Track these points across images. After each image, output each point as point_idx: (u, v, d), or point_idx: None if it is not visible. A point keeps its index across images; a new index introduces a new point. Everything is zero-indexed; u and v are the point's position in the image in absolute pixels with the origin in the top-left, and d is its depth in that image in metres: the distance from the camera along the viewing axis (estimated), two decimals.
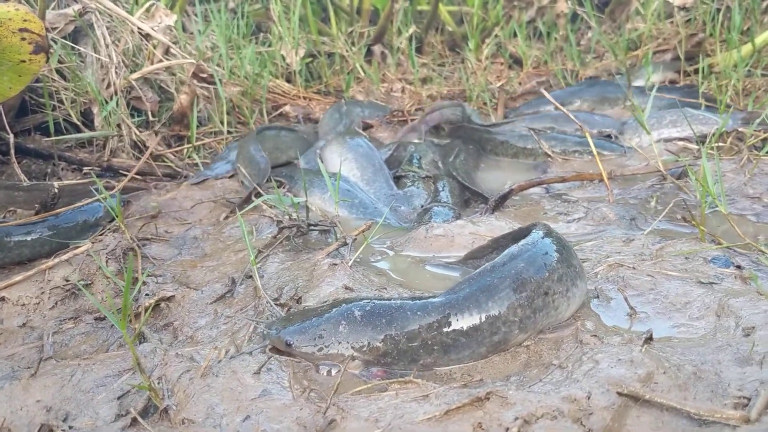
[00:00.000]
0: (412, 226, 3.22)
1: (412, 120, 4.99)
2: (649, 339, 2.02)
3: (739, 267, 2.50)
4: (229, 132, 4.65)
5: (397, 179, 3.79)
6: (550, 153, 3.97)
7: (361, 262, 2.86)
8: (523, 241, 2.29)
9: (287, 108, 5.09)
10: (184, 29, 5.33)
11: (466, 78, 5.88)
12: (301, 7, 5.53)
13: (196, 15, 5.30)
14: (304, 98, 5.36)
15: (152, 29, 4.52)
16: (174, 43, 4.83)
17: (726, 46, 5.24)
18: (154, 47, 4.58)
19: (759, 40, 4.99)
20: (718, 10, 5.45)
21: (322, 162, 4.03)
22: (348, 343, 2.07)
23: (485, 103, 5.34)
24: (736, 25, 5.01)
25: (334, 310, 2.14)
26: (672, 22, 5.89)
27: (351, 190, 3.53)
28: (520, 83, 5.88)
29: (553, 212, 3.29)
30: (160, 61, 4.51)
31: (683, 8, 5.95)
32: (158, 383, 2.08)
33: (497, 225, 3.07)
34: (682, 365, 1.92)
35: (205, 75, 4.58)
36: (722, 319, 2.16)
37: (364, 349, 2.06)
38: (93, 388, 2.11)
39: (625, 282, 2.44)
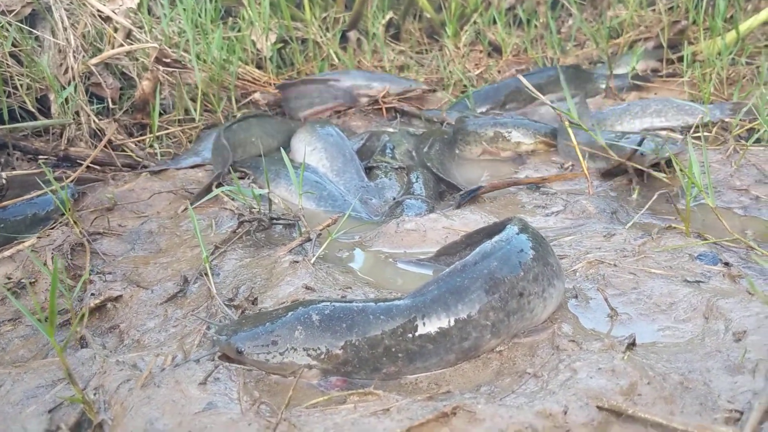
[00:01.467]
0: (383, 220, 3.04)
1: (386, 108, 4.81)
2: (632, 345, 1.85)
3: (727, 264, 2.35)
4: (194, 120, 4.43)
5: (369, 170, 3.60)
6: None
7: (327, 259, 2.67)
8: (496, 238, 2.11)
9: (256, 95, 4.87)
10: (150, 13, 5.10)
11: (444, 66, 5.71)
12: None
13: None
14: (275, 85, 5.14)
15: (113, 12, 4.29)
16: (139, 27, 4.61)
17: (709, 33, 5.09)
18: (115, 31, 4.35)
19: (743, 27, 4.84)
20: None
21: (291, 151, 3.85)
22: (304, 350, 1.89)
23: (463, 92, 5.16)
24: (720, 11, 4.86)
25: (290, 313, 1.95)
26: (654, 10, 5.74)
27: (319, 182, 3.34)
28: (499, 71, 5.71)
29: (531, 205, 3.12)
30: (121, 45, 4.28)
31: None
32: (94, 394, 1.88)
33: (472, 219, 2.90)
34: (668, 374, 1.75)
35: (168, 60, 4.35)
36: (711, 322, 2.00)
37: (322, 356, 1.88)
38: (23, 400, 1.91)
39: (606, 280, 2.27)
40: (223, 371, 1.93)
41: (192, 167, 3.78)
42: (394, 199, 3.29)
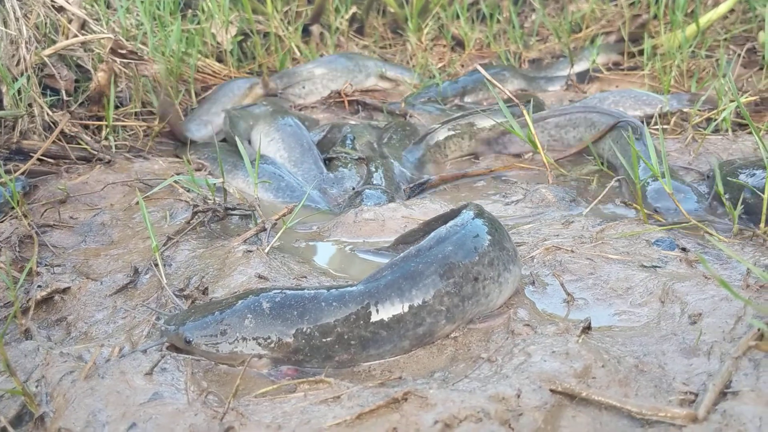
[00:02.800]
0: (342, 210, 2.99)
1: (349, 101, 4.76)
2: (587, 328, 1.83)
3: (684, 249, 2.34)
4: (151, 113, 4.34)
5: (329, 161, 3.55)
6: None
7: (283, 249, 2.62)
8: (451, 222, 2.07)
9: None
10: (108, 6, 5.00)
11: (407, 60, 5.68)
12: None
13: None
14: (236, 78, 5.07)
15: (66, 2, 4.18)
16: (96, 19, 4.51)
17: (670, 26, 5.12)
18: (69, 22, 4.24)
19: (703, 20, 4.88)
20: None
21: (251, 141, 3.79)
22: (254, 339, 1.83)
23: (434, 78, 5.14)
24: (680, 5, 4.90)
25: (240, 302, 1.89)
26: (616, 4, 5.77)
27: (277, 173, 3.29)
28: (462, 65, 5.70)
29: (492, 194, 3.10)
30: (75, 36, 4.18)
31: None
32: (36, 387, 1.82)
33: (432, 208, 2.86)
34: (623, 357, 1.73)
35: (124, 51, 4.26)
36: (667, 306, 1.99)
37: (273, 345, 1.83)
38: None
39: (563, 266, 2.25)
40: (171, 361, 1.87)
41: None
42: (354, 189, 3.25)
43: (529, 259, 2.35)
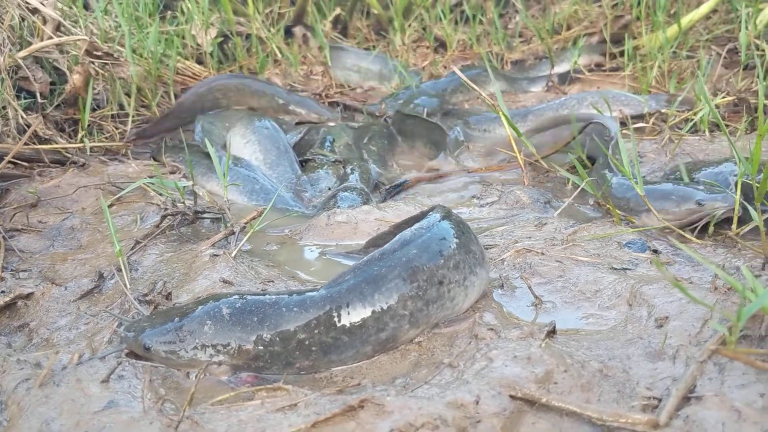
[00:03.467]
0: (314, 213, 2.96)
1: (329, 102, 4.74)
2: (552, 332, 1.80)
3: (656, 251, 2.32)
4: (128, 115, 4.29)
5: (306, 163, 3.52)
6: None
7: (253, 253, 2.59)
8: (416, 225, 2.05)
9: None
10: (86, 8, 4.95)
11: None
12: None
13: None
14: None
15: (41, 3, 4.14)
16: (74, 22, 4.46)
17: (652, 27, 5.11)
18: (44, 23, 4.20)
19: (685, 21, 4.87)
20: None
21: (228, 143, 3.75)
22: (213, 345, 1.80)
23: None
24: (661, 5, 4.88)
25: (199, 308, 1.86)
26: (600, 5, 5.75)
27: (251, 175, 3.25)
28: (445, 66, 5.67)
29: (467, 195, 3.08)
30: (50, 38, 4.13)
31: None
32: None
33: (405, 210, 2.83)
34: (588, 362, 1.71)
35: (99, 53, 4.21)
36: (634, 309, 1.96)
37: (232, 352, 1.79)
38: None
39: (533, 269, 2.23)
40: (129, 369, 1.83)
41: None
42: (330, 190, 3.21)
43: (499, 261, 2.32)
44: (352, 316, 1.80)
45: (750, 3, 5.02)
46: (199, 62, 5.16)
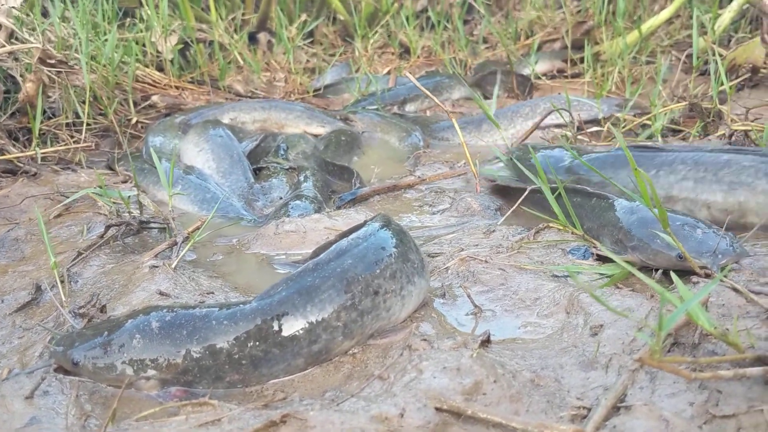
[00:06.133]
0: (263, 221, 2.92)
1: None
2: (486, 342, 1.78)
3: (599, 258, 2.31)
4: (87, 124, 4.23)
5: (259, 171, 3.48)
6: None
7: (197, 263, 2.55)
8: (353, 235, 2.02)
9: (155, 98, 4.71)
10: (45, 15, 4.89)
11: (354, 68, 5.63)
12: None
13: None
14: (176, 87, 4.98)
15: None
16: (31, 29, 4.40)
17: (613, 33, 5.13)
18: None
19: (645, 26, 4.90)
20: None
21: (180, 152, 3.70)
22: (142, 360, 1.76)
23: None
24: (621, 11, 4.91)
25: (129, 321, 1.82)
26: (563, 11, 5.77)
27: (203, 184, 3.21)
28: (410, 72, 5.66)
29: (419, 203, 3.06)
30: (3, 46, 4.07)
31: None
32: None
33: (356, 219, 2.80)
34: (519, 371, 1.69)
35: (53, 61, 4.15)
36: (571, 317, 1.95)
37: (162, 366, 1.75)
38: None
39: (476, 277, 2.21)
40: (56, 384, 1.79)
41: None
42: (281, 199, 3.18)
43: (444, 270, 2.30)
44: (284, 328, 1.77)
45: (708, 9, 5.07)
46: (160, 69, 5.11)
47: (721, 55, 4.17)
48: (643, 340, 1.76)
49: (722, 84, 3.50)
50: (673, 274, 1.67)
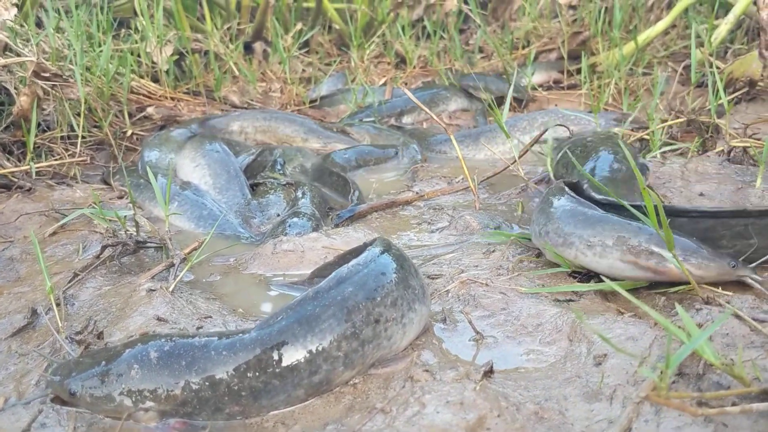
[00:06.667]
0: (261, 240, 2.90)
1: None
2: (489, 372, 1.77)
3: (602, 280, 2.29)
4: (82, 137, 4.20)
5: (256, 186, 3.46)
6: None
7: (194, 285, 2.53)
8: (353, 261, 2.00)
9: (150, 110, 4.68)
10: (39, 26, 4.86)
11: (350, 78, 5.61)
12: (170, 2, 5.16)
13: (49, 10, 4.82)
14: (172, 99, 4.96)
15: None
16: (25, 40, 4.36)
17: (609, 44, 5.13)
18: None
19: (641, 38, 4.90)
20: (606, 8, 5.34)
21: (176, 167, 3.67)
22: (140, 391, 1.73)
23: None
24: (617, 22, 4.90)
25: (127, 351, 1.80)
26: (559, 21, 5.77)
27: (200, 200, 3.18)
28: (405, 83, 5.65)
29: (418, 221, 3.04)
30: None
31: (570, 6, 5.85)
32: None
33: (355, 237, 2.78)
34: (523, 404, 1.67)
35: (47, 74, 4.12)
36: (574, 344, 1.93)
37: (160, 397, 1.73)
38: None
39: (476, 301, 2.19)
40: (53, 416, 1.77)
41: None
42: (279, 216, 3.16)
43: (444, 293, 2.29)
44: (284, 358, 1.74)
45: (705, 19, 5.07)
46: (155, 80, 5.09)
47: (718, 68, 4.16)
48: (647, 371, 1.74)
49: (720, 98, 3.49)
50: (679, 308, 1.64)
